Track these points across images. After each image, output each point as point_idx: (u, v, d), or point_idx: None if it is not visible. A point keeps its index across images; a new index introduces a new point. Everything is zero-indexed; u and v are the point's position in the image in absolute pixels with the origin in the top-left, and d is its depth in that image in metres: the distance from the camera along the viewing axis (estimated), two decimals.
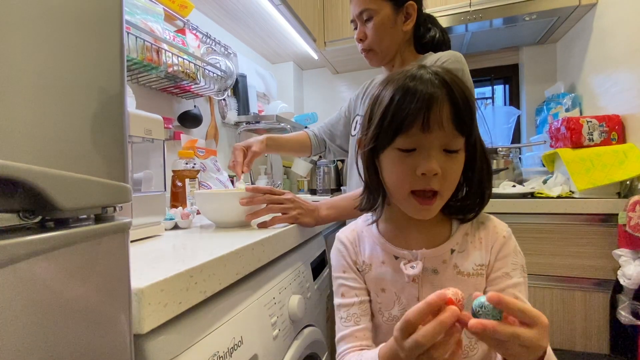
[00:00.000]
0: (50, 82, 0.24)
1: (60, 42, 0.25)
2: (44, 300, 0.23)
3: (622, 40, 1.22)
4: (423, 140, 0.44)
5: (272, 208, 0.73)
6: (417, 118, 0.43)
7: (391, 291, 0.52)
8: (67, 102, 0.25)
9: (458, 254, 0.51)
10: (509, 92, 1.99)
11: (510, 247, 0.51)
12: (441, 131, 0.44)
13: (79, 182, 0.25)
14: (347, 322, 0.53)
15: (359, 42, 0.89)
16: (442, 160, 0.45)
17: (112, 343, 0.28)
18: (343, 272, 0.57)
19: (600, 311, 1.11)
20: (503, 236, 0.51)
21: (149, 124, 0.63)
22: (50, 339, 0.23)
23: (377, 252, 0.55)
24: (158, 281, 0.35)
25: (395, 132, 0.45)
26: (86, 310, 0.26)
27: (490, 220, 0.53)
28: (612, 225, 1.09)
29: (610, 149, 1.19)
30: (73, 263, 0.25)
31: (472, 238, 0.51)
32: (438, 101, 0.43)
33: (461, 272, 0.50)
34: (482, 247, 0.51)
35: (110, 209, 0.29)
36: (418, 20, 0.88)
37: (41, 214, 0.26)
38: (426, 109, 0.43)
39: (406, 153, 0.46)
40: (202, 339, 0.42)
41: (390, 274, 0.53)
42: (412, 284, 0.51)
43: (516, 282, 0.49)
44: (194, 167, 0.95)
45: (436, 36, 0.91)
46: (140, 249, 0.53)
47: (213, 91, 1.32)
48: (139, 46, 0.93)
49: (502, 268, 0.49)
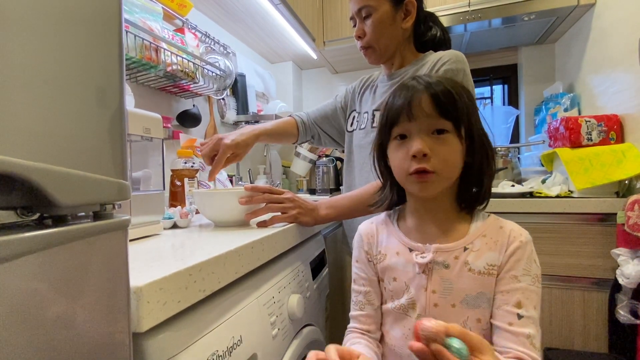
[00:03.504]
0: (49, 79, 0.24)
1: (58, 38, 0.25)
2: (42, 297, 0.23)
3: (621, 40, 1.23)
4: (411, 127, 0.52)
5: (272, 207, 0.73)
6: (402, 109, 0.52)
7: (402, 281, 0.55)
8: (65, 99, 0.25)
9: (471, 252, 0.52)
10: (507, 92, 1.99)
11: (526, 252, 0.50)
12: (425, 117, 0.51)
13: (77, 178, 0.25)
14: (355, 306, 0.61)
15: (358, 39, 0.89)
16: (431, 141, 0.50)
17: (111, 341, 0.28)
18: (357, 261, 0.62)
19: (599, 310, 1.11)
20: (520, 240, 0.51)
21: (147, 123, 0.62)
22: (48, 336, 0.23)
23: (393, 243, 0.58)
24: (157, 279, 0.35)
25: (391, 125, 0.54)
26: (84, 307, 0.25)
27: (509, 225, 0.54)
28: (611, 225, 1.09)
29: (608, 148, 1.19)
30: (71, 260, 0.25)
31: (488, 240, 0.52)
32: (418, 93, 0.51)
33: (472, 270, 0.51)
34: (497, 249, 0.51)
35: (109, 206, 0.29)
36: (418, 18, 0.87)
37: (39, 211, 0.26)
38: (408, 101, 0.51)
39: (401, 140, 0.53)
40: (201, 338, 0.42)
41: (402, 264, 0.55)
42: (421, 275, 0.53)
43: (524, 288, 0.48)
44: (192, 167, 0.95)
45: (437, 35, 0.90)
46: (139, 248, 0.52)
47: (212, 90, 1.32)
48: (137, 45, 0.93)
49: (512, 270, 0.50)
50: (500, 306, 0.49)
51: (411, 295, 0.53)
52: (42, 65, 0.24)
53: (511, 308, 0.48)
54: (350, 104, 1.03)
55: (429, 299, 0.52)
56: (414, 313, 0.53)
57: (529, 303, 0.48)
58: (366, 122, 0.92)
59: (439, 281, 0.51)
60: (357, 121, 0.97)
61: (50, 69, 0.24)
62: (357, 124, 0.96)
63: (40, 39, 0.24)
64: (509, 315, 0.48)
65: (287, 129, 1.03)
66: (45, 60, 0.24)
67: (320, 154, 1.90)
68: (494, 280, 0.50)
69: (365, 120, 0.93)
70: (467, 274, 0.51)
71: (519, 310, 0.47)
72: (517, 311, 0.47)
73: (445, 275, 0.51)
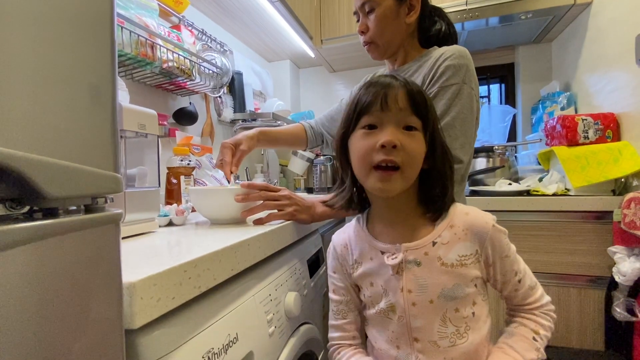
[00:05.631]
0: (37, 69, 0.24)
1: (49, 31, 0.24)
2: (31, 291, 0.22)
3: (617, 39, 1.23)
4: (383, 118, 0.51)
5: (268, 204, 0.73)
6: (377, 99, 0.51)
7: (378, 285, 0.55)
8: (54, 89, 0.25)
9: (441, 246, 0.52)
10: (504, 91, 2.00)
11: (500, 232, 0.53)
12: (398, 110, 0.51)
13: (67, 170, 0.24)
14: (337, 315, 0.62)
15: (361, 34, 0.87)
16: (401, 136, 0.50)
17: (102, 337, 0.27)
18: (334, 272, 0.63)
19: (595, 308, 1.12)
20: (492, 225, 0.53)
21: (142, 119, 0.62)
22: (36, 330, 0.22)
23: (365, 249, 0.58)
24: (150, 275, 0.34)
25: (360, 113, 0.53)
26: (74, 302, 0.25)
27: (474, 211, 0.55)
28: (607, 223, 1.10)
29: (605, 146, 1.19)
30: (60, 254, 0.24)
31: (456, 230, 0.53)
32: (395, 87, 0.51)
33: (445, 264, 0.51)
34: (468, 238, 0.52)
35: (101, 199, 0.29)
36: (423, 12, 0.85)
37: (29, 204, 0.25)
38: (384, 92, 0.51)
39: (369, 130, 0.52)
40: (196, 335, 0.42)
41: (377, 268, 0.55)
42: (395, 276, 0.53)
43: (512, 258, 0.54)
44: (189, 164, 0.94)
45: (442, 29, 0.87)
46: (133, 245, 0.52)
47: (209, 88, 1.31)
48: (133, 41, 0.92)
49: (501, 253, 0.53)
50: (504, 282, 0.54)
51: (389, 299, 0.53)
52: (30, 56, 0.23)
53: (513, 279, 0.53)
54: None
55: (406, 299, 0.52)
56: (394, 315, 0.53)
57: (518, 265, 0.54)
58: None
59: (413, 279, 0.52)
60: None
61: (39, 60, 0.24)
62: None
63: (30, 31, 0.23)
64: (514, 284, 0.54)
65: (296, 134, 1.06)
66: (35, 52, 0.23)
67: (317, 153, 1.90)
68: (468, 269, 0.51)
69: None
70: (440, 268, 0.51)
71: (517, 277, 0.54)
72: (517, 278, 0.54)
73: (418, 273, 0.52)
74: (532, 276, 0.55)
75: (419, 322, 0.51)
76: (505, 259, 0.53)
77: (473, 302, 0.52)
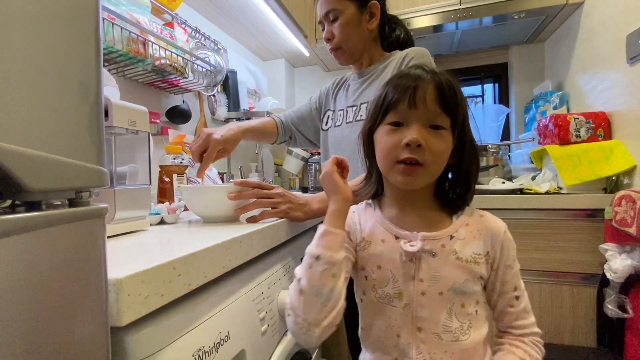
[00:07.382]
0: (21, 63, 0.23)
1: (33, 26, 0.24)
2: (11, 285, 0.21)
3: (609, 38, 1.24)
4: (409, 115, 0.50)
5: (261, 202, 0.72)
6: (404, 96, 0.50)
7: (387, 269, 0.54)
8: (38, 82, 0.24)
9: (458, 241, 0.52)
10: (498, 90, 2.01)
11: (510, 240, 0.54)
12: (426, 108, 0.49)
13: (48, 162, 0.23)
14: None
15: (327, 41, 0.94)
16: (427, 134, 0.49)
17: (87, 335, 0.26)
18: None
19: (587, 305, 1.13)
20: (504, 231, 0.54)
21: (133, 115, 0.61)
22: (17, 327, 0.22)
23: (378, 230, 0.56)
24: (138, 272, 0.34)
25: (387, 109, 0.52)
26: (57, 299, 0.24)
27: (489, 215, 0.57)
28: (599, 220, 1.11)
29: (596, 145, 1.20)
30: (43, 248, 0.23)
31: (472, 229, 0.54)
32: (424, 82, 0.50)
33: (460, 258, 0.51)
34: (481, 238, 0.53)
35: (86, 194, 0.28)
36: (383, 20, 0.93)
37: (10, 198, 0.25)
38: (413, 88, 0.50)
39: (395, 127, 0.51)
40: (186, 334, 0.41)
41: (388, 252, 0.54)
42: (409, 264, 0.52)
43: (515, 272, 0.54)
44: (181, 163, 0.93)
45: (401, 35, 0.96)
46: (123, 243, 0.51)
47: (202, 86, 1.30)
48: (124, 37, 0.90)
49: (506, 261, 0.53)
50: (501, 293, 0.54)
51: (398, 285, 0.52)
52: (11, 50, 0.22)
53: (510, 293, 0.54)
54: (324, 104, 1.07)
55: (417, 288, 0.51)
56: (400, 303, 0.52)
57: (519, 282, 0.54)
58: (341, 119, 0.97)
59: (427, 269, 0.51)
60: (332, 119, 1.01)
61: (20, 54, 0.23)
62: (332, 122, 1.00)
63: (13, 26, 0.22)
64: (510, 299, 0.54)
65: (268, 128, 1.06)
66: (16, 46, 0.23)
67: (312, 152, 1.89)
68: (480, 267, 0.52)
69: (340, 118, 0.97)
70: (454, 262, 0.51)
71: (515, 292, 0.54)
72: (515, 294, 0.54)
73: (432, 264, 0.51)
74: (529, 302, 0.55)
75: (426, 312, 0.51)
76: (508, 268, 0.53)
77: (477, 300, 0.52)
